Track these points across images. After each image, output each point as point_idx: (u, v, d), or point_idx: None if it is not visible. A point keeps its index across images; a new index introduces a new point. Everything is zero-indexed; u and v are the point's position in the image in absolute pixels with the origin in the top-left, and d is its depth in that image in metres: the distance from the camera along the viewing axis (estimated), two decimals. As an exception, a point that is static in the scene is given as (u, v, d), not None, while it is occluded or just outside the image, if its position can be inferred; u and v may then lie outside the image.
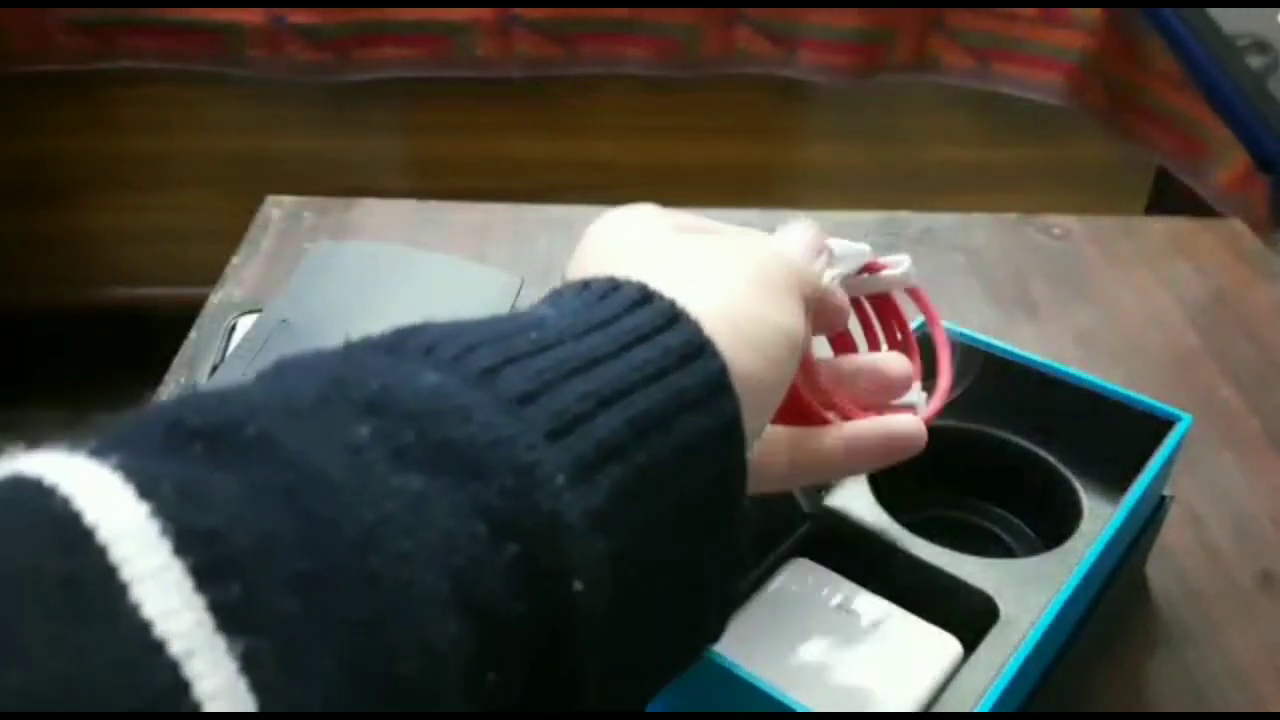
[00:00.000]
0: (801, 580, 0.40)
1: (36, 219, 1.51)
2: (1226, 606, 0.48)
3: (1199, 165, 1.29)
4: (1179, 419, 0.44)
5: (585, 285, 0.27)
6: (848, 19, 1.29)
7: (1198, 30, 1.03)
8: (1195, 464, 0.55)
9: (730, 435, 0.26)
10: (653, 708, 0.37)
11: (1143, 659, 0.46)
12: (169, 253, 1.52)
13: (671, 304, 0.26)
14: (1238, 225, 0.80)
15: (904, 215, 0.78)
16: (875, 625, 0.38)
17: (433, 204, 0.77)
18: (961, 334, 0.49)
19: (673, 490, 0.24)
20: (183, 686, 0.16)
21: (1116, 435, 0.44)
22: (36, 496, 0.17)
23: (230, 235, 0.73)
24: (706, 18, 1.29)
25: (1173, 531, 0.50)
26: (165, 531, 0.17)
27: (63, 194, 1.49)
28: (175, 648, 0.16)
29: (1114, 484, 0.44)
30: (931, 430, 0.49)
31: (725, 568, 0.27)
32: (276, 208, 0.76)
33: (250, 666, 0.17)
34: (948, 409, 0.49)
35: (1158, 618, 0.48)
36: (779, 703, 0.32)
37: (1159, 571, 0.49)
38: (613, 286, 0.27)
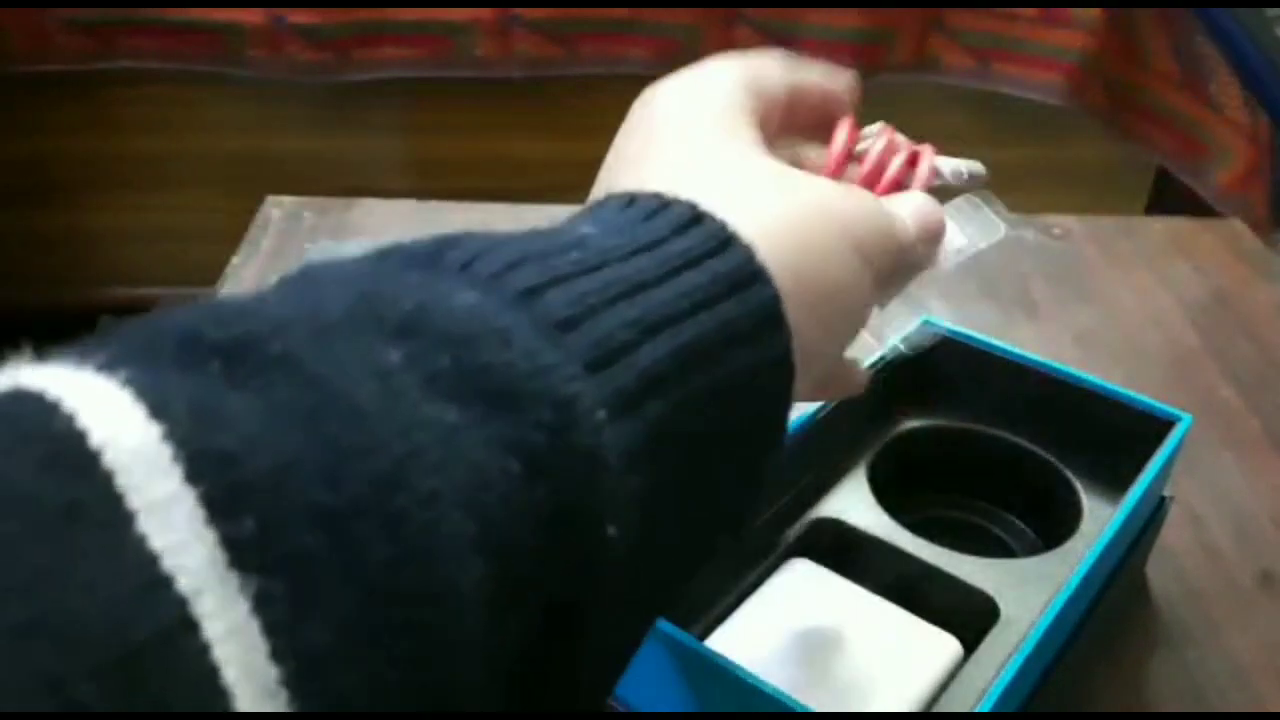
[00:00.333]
0: (801, 580, 0.40)
1: (36, 219, 1.51)
2: (1226, 606, 0.48)
3: (1199, 165, 1.29)
4: (1179, 419, 0.44)
5: (631, 200, 0.25)
6: (848, 19, 1.29)
7: (1251, 30, 1.02)
8: (1195, 464, 0.55)
9: (779, 370, 0.24)
10: (652, 708, 0.37)
11: (1143, 659, 0.46)
12: (169, 253, 1.52)
13: (723, 226, 0.24)
14: (1238, 225, 0.80)
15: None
16: (875, 625, 0.38)
17: (433, 204, 0.77)
18: (962, 334, 0.49)
19: (715, 425, 0.23)
20: (190, 625, 0.15)
21: (1116, 435, 0.44)
22: (38, 413, 0.16)
23: (230, 235, 0.73)
24: (706, 18, 1.29)
25: (1173, 531, 0.50)
26: (177, 457, 0.16)
27: (63, 194, 1.49)
28: (183, 584, 0.15)
29: (1114, 484, 0.44)
30: (932, 430, 0.49)
31: (749, 499, 0.26)
32: (276, 208, 0.76)
33: (262, 607, 0.15)
34: (947, 409, 0.49)
35: (1158, 618, 0.48)
36: (779, 702, 0.32)
37: (1159, 571, 0.49)
38: (661, 204, 0.25)
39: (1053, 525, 0.45)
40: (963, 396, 0.48)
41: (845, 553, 0.41)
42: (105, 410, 0.16)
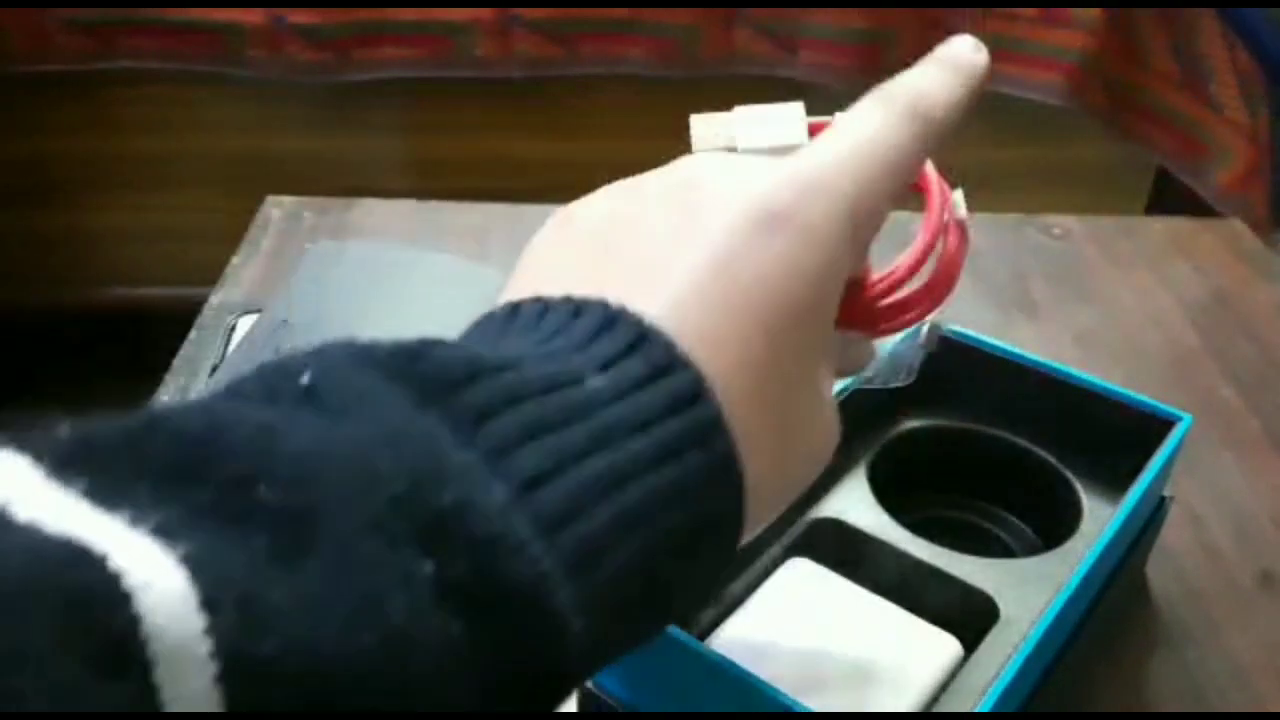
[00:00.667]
0: (801, 580, 0.40)
1: (36, 219, 1.50)
2: (1226, 606, 0.48)
3: (1199, 165, 1.29)
4: (1179, 419, 0.44)
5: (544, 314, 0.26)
6: (848, 19, 1.29)
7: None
8: (1195, 464, 0.55)
9: (723, 478, 0.25)
10: (652, 708, 0.37)
11: (1143, 659, 0.46)
12: (169, 253, 1.52)
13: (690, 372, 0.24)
14: (1238, 225, 0.80)
15: (904, 215, 0.78)
16: (875, 625, 0.38)
17: (433, 204, 0.77)
18: (962, 334, 0.49)
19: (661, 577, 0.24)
20: None
21: (1116, 435, 0.44)
22: (95, 587, 0.17)
23: (230, 235, 0.73)
24: (706, 18, 1.29)
25: (1173, 531, 0.50)
26: (215, 655, 0.17)
27: (63, 194, 1.49)
28: None
29: (1114, 484, 0.44)
30: (932, 430, 0.49)
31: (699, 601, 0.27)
32: (276, 208, 0.76)
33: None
34: (947, 409, 0.49)
35: (1158, 618, 0.48)
36: (779, 703, 0.32)
37: (1159, 571, 0.49)
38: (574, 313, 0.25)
39: (1053, 525, 0.45)
40: (963, 396, 0.48)
41: (845, 553, 0.41)
42: (159, 595, 0.17)
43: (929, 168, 0.35)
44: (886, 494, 0.44)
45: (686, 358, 0.24)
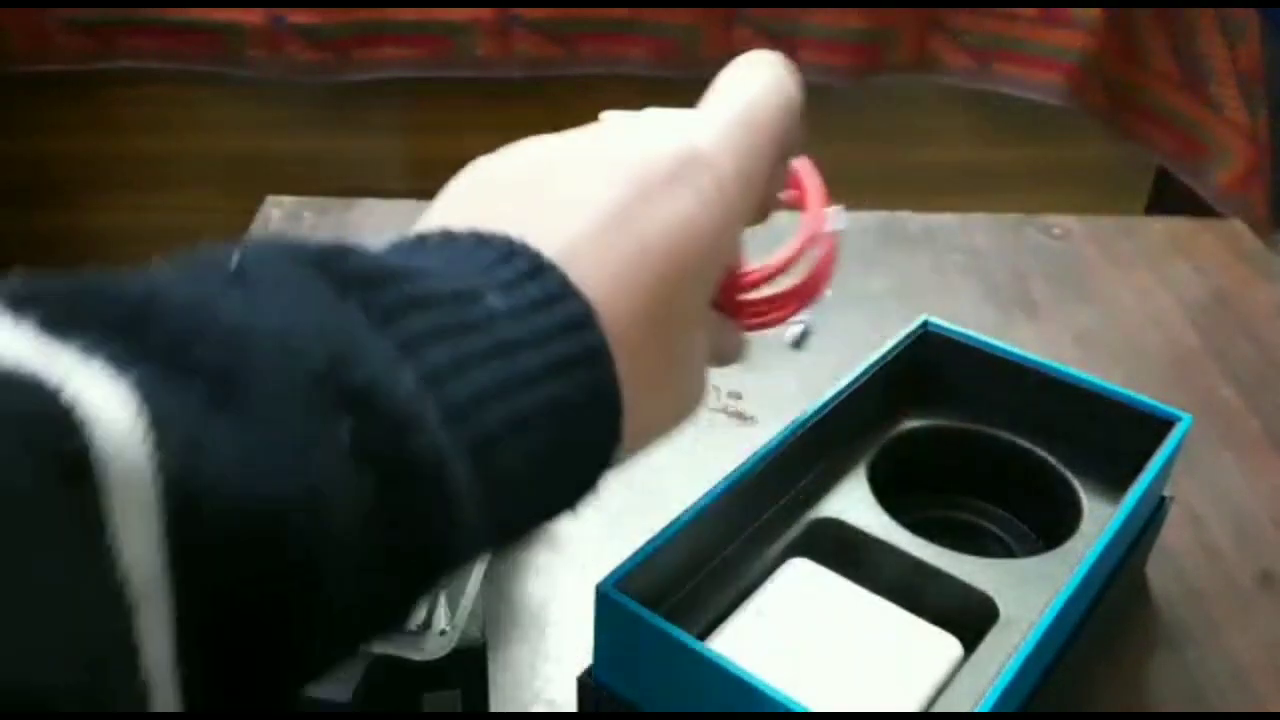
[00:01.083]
0: (801, 580, 0.40)
1: (36, 219, 1.50)
2: (1226, 606, 0.48)
3: (1199, 165, 1.29)
4: (1179, 419, 0.44)
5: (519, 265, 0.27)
6: (848, 19, 1.29)
7: None
8: (1195, 464, 0.55)
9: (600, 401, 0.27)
10: (653, 708, 0.37)
11: (1143, 659, 0.46)
12: (169, 253, 1.52)
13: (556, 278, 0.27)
14: (1238, 225, 0.80)
15: (904, 215, 0.78)
16: (875, 625, 0.38)
17: (433, 204, 0.77)
18: (962, 334, 0.49)
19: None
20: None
21: (1116, 435, 0.44)
22: (49, 416, 0.18)
23: (230, 235, 0.73)
24: (706, 18, 1.29)
25: (1173, 531, 0.50)
26: (156, 481, 0.18)
27: (63, 194, 1.49)
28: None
29: (1114, 484, 0.44)
30: (932, 430, 0.49)
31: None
32: (276, 208, 0.76)
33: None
34: (947, 409, 0.49)
35: (1158, 618, 0.48)
36: (779, 703, 0.32)
37: (1159, 571, 0.49)
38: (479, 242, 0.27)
39: (1053, 525, 0.45)
40: (963, 396, 0.49)
41: (845, 553, 0.41)
42: (109, 423, 0.18)
43: (811, 174, 0.37)
44: (886, 494, 0.44)
45: (578, 289, 0.26)
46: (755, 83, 0.34)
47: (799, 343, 0.46)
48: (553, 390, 0.26)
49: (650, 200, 0.29)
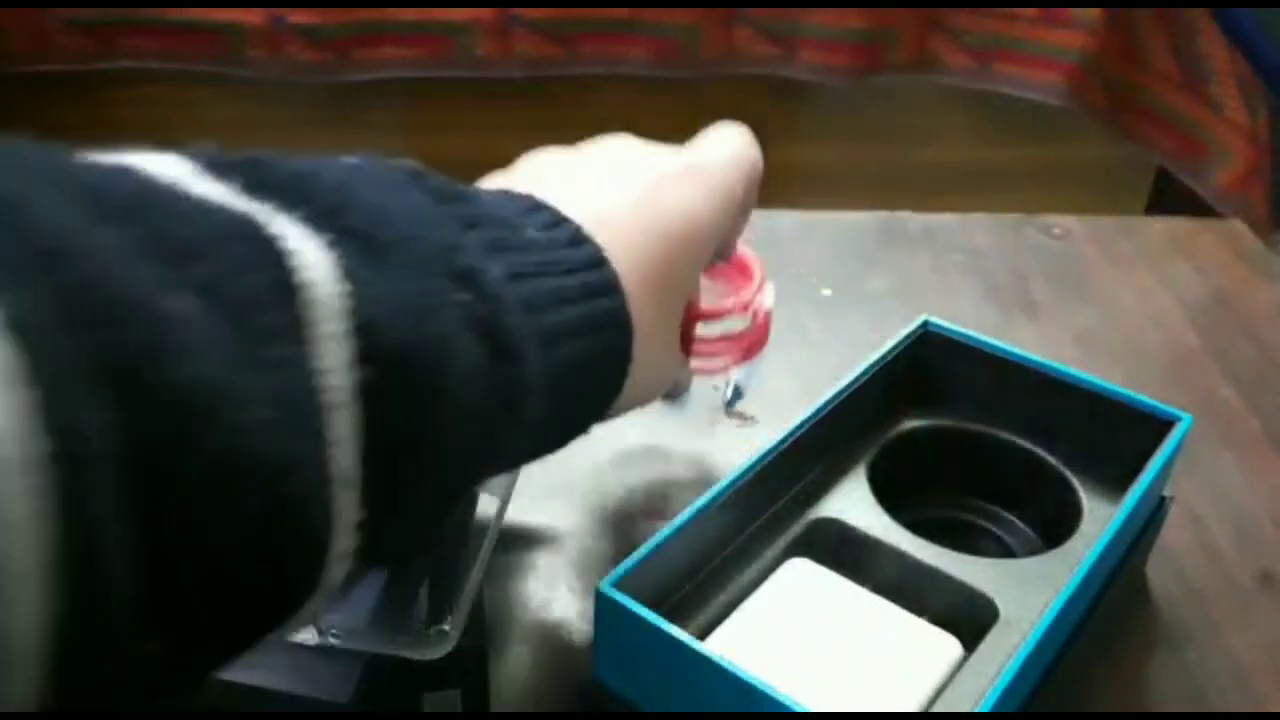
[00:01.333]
0: (801, 580, 0.40)
1: (36, 219, 1.50)
2: (1226, 606, 0.48)
3: (1199, 165, 1.29)
4: (1179, 419, 0.44)
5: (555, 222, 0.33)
6: (848, 19, 1.29)
7: (1274, 32, 1.00)
8: (1195, 464, 0.55)
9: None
10: (652, 708, 0.37)
11: (1143, 659, 0.46)
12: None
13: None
14: (1238, 225, 0.80)
15: (904, 215, 0.78)
16: (875, 625, 0.38)
17: (433, 204, 0.77)
18: (962, 334, 0.49)
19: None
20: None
21: (1116, 435, 0.44)
22: (276, 259, 0.23)
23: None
24: (706, 18, 1.29)
25: (1173, 531, 0.50)
26: (345, 314, 0.23)
27: (63, 194, 1.49)
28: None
29: (1114, 484, 0.44)
30: (932, 430, 0.50)
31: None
32: (276, 208, 0.76)
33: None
34: (947, 409, 0.49)
35: (1158, 618, 0.48)
36: (779, 703, 0.32)
37: (1159, 571, 0.49)
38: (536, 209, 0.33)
39: (1053, 525, 0.45)
40: (963, 396, 0.49)
41: (845, 553, 0.41)
42: (312, 261, 0.23)
43: (752, 256, 0.44)
44: (886, 494, 0.44)
45: (590, 237, 0.32)
46: (728, 141, 0.40)
47: (731, 402, 0.51)
48: (583, 310, 0.30)
49: (663, 190, 0.35)
